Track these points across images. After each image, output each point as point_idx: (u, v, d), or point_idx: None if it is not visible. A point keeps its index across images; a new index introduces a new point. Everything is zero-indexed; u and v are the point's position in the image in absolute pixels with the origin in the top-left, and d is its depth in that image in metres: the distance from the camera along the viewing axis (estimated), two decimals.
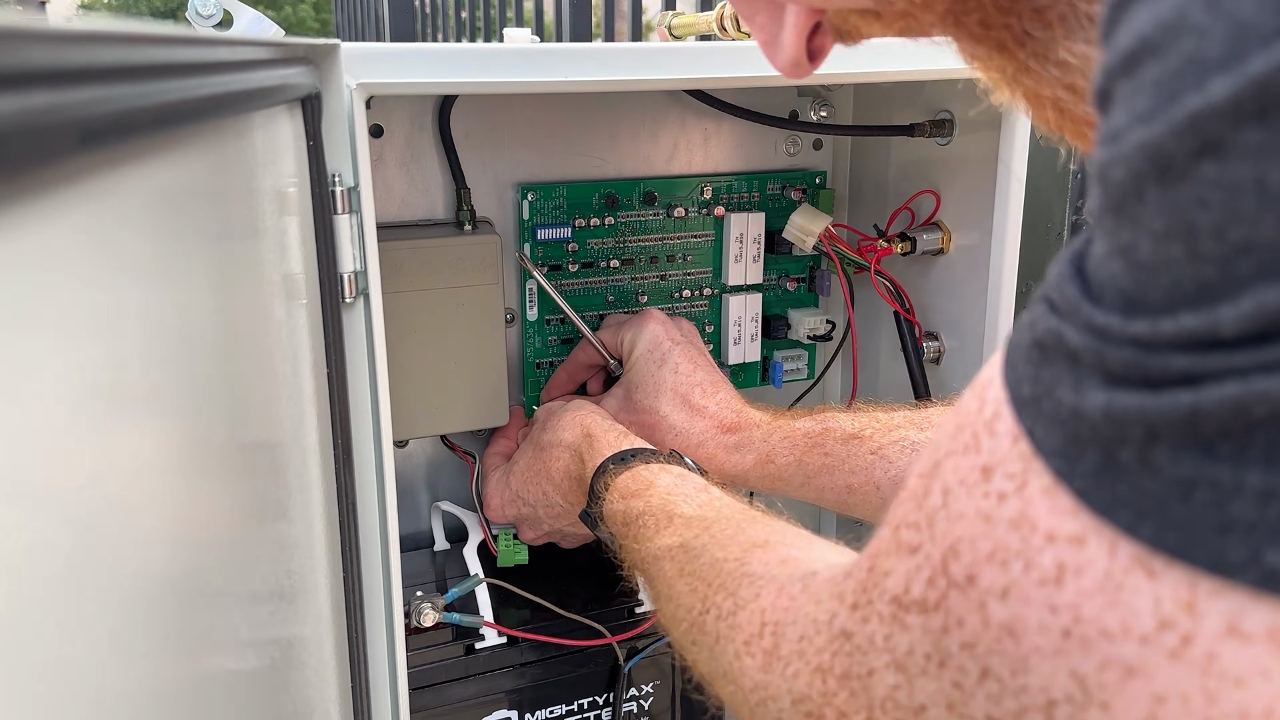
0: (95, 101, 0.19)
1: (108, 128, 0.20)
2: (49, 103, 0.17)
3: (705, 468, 0.65)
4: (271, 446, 0.40)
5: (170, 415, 0.28)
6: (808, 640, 0.31)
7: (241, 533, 0.35)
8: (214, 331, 0.33)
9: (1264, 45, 0.17)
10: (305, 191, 0.45)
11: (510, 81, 0.52)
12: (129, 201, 0.25)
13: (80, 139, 0.18)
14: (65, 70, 0.18)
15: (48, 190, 0.19)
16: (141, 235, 0.26)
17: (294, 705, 0.42)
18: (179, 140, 0.28)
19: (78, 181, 0.21)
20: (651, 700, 0.74)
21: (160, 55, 0.24)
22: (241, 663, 0.34)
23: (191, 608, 0.29)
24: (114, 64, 0.20)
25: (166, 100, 0.23)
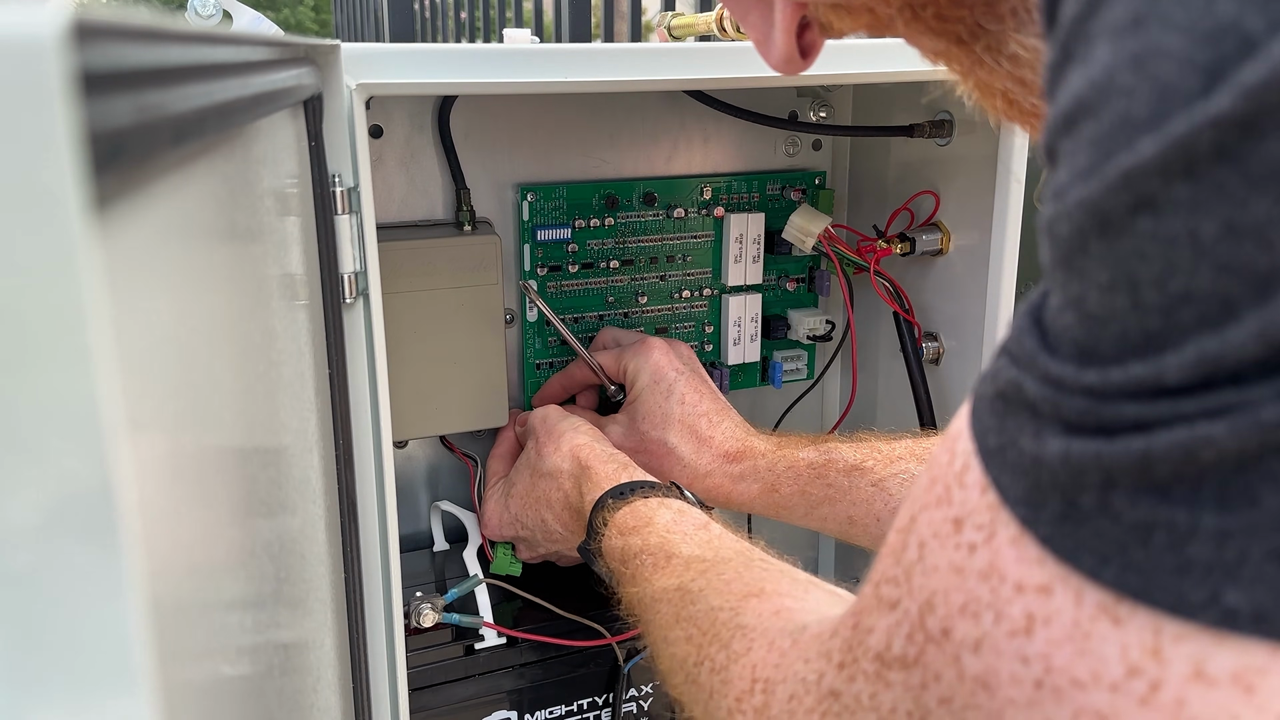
0: (174, 101, 0.19)
1: (181, 129, 0.20)
2: (153, 103, 0.17)
3: (711, 497, 0.66)
4: (271, 447, 0.40)
5: (170, 415, 0.28)
6: (797, 700, 0.31)
7: (241, 533, 0.35)
8: (213, 332, 0.33)
9: (1185, 107, 0.18)
10: (306, 192, 0.45)
11: (510, 82, 0.52)
12: (130, 201, 0.25)
13: (173, 138, 0.19)
14: (164, 69, 0.18)
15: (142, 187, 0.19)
16: (143, 235, 0.26)
17: (294, 705, 0.42)
18: (200, 146, 0.28)
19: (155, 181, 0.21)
20: (651, 700, 0.74)
21: (204, 56, 0.24)
22: (240, 663, 0.34)
23: (191, 608, 0.29)
24: (180, 65, 0.21)
25: (209, 104, 0.23)
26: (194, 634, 0.29)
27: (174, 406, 0.25)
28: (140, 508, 0.18)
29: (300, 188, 0.44)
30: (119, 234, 0.18)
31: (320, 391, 0.46)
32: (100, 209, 0.15)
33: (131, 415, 0.18)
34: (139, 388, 0.20)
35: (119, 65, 0.16)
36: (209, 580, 0.31)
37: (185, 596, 0.28)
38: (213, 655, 0.31)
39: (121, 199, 0.18)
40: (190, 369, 0.29)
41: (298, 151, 0.44)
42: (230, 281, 0.34)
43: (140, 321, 0.20)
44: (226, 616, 0.32)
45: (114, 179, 0.16)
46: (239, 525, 0.35)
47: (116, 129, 0.16)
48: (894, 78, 0.60)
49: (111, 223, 0.17)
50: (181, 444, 0.27)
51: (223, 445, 0.33)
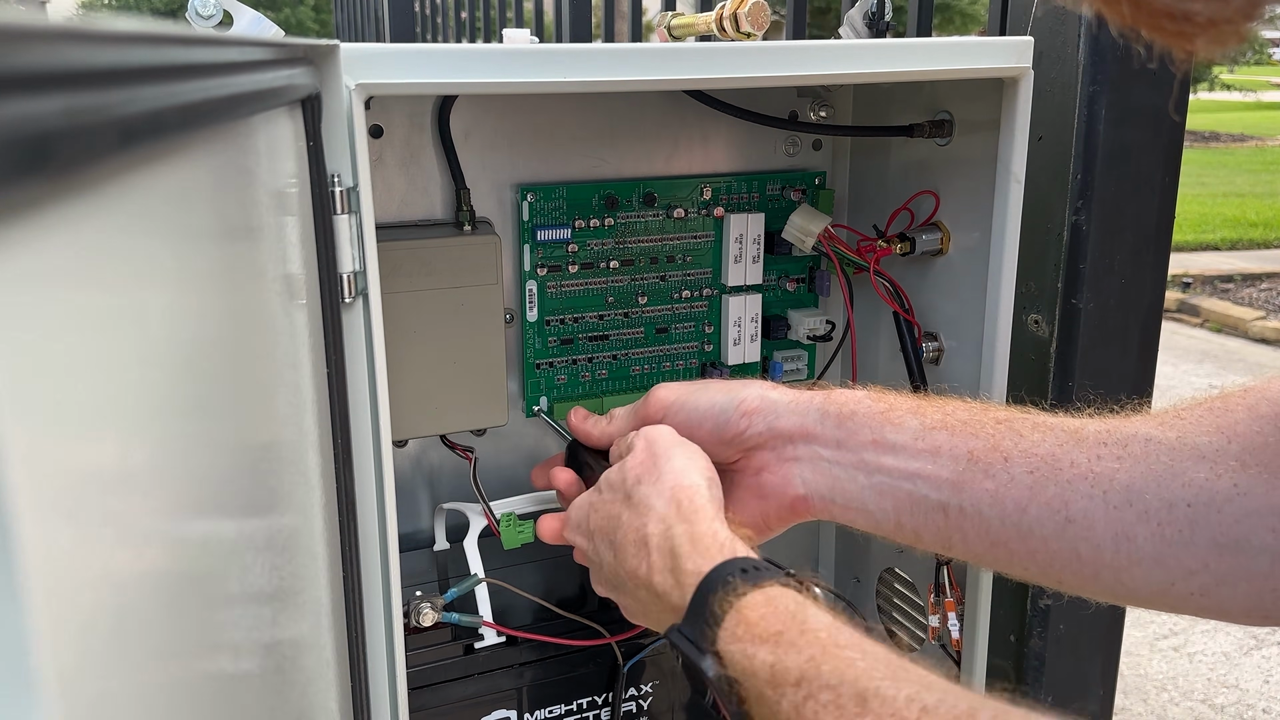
0: (120, 104, 0.19)
1: (129, 130, 0.20)
2: (90, 104, 0.17)
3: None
4: (271, 446, 0.40)
5: (169, 415, 0.28)
6: None
7: (241, 532, 0.35)
8: (213, 332, 0.33)
9: None
10: (305, 192, 0.45)
11: (510, 81, 0.52)
12: (130, 202, 0.25)
13: (120, 139, 0.19)
14: (99, 71, 0.18)
15: (84, 191, 0.19)
16: (142, 235, 0.26)
17: (294, 705, 0.42)
18: (184, 144, 0.28)
19: (113, 181, 0.21)
20: (651, 700, 0.74)
21: (167, 57, 0.24)
22: (241, 663, 0.34)
23: (190, 608, 0.29)
24: (116, 66, 0.20)
25: (173, 104, 0.23)
26: (184, 633, 0.29)
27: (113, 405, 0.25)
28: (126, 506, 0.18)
29: (299, 188, 0.44)
30: (49, 236, 0.18)
31: (319, 391, 0.46)
32: (25, 213, 0.15)
33: (31, 415, 0.18)
34: (47, 388, 0.20)
35: (40, 68, 0.16)
36: (208, 579, 0.31)
37: (184, 595, 0.28)
38: (210, 654, 0.31)
39: (56, 201, 0.18)
40: (151, 368, 0.29)
41: (297, 151, 0.44)
42: (224, 280, 0.34)
43: (66, 321, 0.20)
44: (223, 615, 0.32)
45: (41, 182, 0.16)
46: (236, 525, 0.35)
47: (39, 132, 0.16)
48: (894, 78, 0.60)
49: (40, 226, 0.17)
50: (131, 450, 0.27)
51: (222, 445, 0.33)
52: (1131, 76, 0.73)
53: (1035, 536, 0.51)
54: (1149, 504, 0.48)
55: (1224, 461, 0.48)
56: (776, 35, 0.73)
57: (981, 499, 0.52)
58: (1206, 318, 4.84)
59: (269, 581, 0.38)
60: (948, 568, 0.73)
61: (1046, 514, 0.50)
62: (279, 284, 0.41)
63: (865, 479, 0.55)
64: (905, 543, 0.56)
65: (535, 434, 0.80)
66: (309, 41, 0.44)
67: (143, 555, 0.25)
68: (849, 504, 0.56)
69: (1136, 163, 0.75)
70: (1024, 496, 0.51)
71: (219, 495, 0.32)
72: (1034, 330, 0.79)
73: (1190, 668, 1.94)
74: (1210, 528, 0.47)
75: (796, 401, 0.58)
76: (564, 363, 0.77)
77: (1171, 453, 0.49)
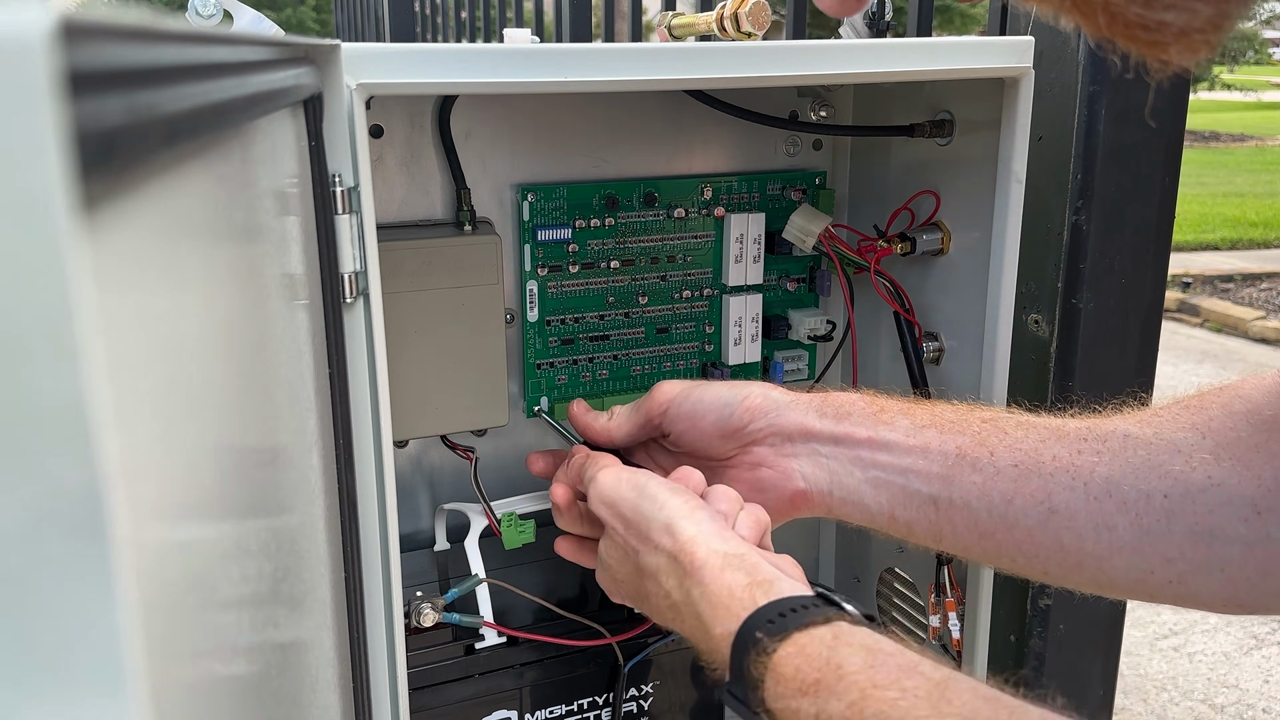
0: (168, 102, 0.19)
1: (175, 130, 0.20)
2: (144, 102, 0.17)
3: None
4: (271, 446, 0.40)
5: (169, 415, 0.28)
6: None
7: (241, 532, 0.35)
8: (213, 332, 0.32)
9: None
10: (306, 192, 0.45)
11: (510, 81, 0.52)
12: (130, 201, 0.25)
13: (167, 137, 0.19)
14: (150, 69, 0.18)
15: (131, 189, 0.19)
16: (143, 235, 0.26)
17: (294, 705, 0.42)
18: (196, 147, 0.28)
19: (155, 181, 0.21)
20: (651, 700, 0.74)
21: (197, 55, 0.24)
22: (240, 663, 0.34)
23: (190, 607, 0.29)
24: (173, 64, 0.21)
25: (206, 103, 0.23)
26: (186, 634, 0.29)
27: (167, 406, 0.25)
28: (130, 508, 0.18)
29: (300, 187, 0.44)
30: (109, 235, 0.18)
31: (320, 391, 0.46)
32: (89, 211, 0.15)
33: (120, 415, 0.18)
34: (129, 388, 0.20)
35: (108, 65, 0.16)
36: (205, 580, 0.31)
37: (177, 596, 0.28)
38: (210, 655, 0.31)
39: (112, 200, 0.18)
40: (187, 369, 0.29)
41: (298, 151, 0.44)
42: (229, 281, 0.34)
43: (130, 322, 0.20)
44: (225, 616, 0.32)
45: (104, 180, 0.16)
46: (237, 525, 0.35)
47: (106, 129, 0.16)
48: (894, 78, 0.60)
49: (101, 224, 0.17)
50: (174, 444, 0.27)
51: (222, 445, 0.33)
52: (1131, 76, 0.73)
53: (1021, 528, 0.53)
54: (1127, 495, 0.51)
55: (1198, 455, 0.50)
56: (776, 35, 0.73)
57: (969, 492, 0.54)
58: (1206, 317, 4.84)
59: (269, 582, 0.38)
60: (948, 567, 0.73)
61: (1030, 505, 0.53)
62: (280, 284, 0.41)
63: (861, 474, 0.58)
64: (899, 536, 0.58)
65: (536, 434, 0.80)
66: (311, 41, 0.44)
67: (143, 555, 0.25)
68: (846, 498, 0.59)
69: (1136, 163, 0.75)
70: (1009, 489, 0.54)
71: (219, 495, 0.32)
72: (1034, 330, 0.79)
73: (1190, 668, 1.94)
74: (1186, 517, 0.49)
75: (797, 401, 0.62)
76: (564, 363, 0.77)
77: (1149, 447, 0.52)
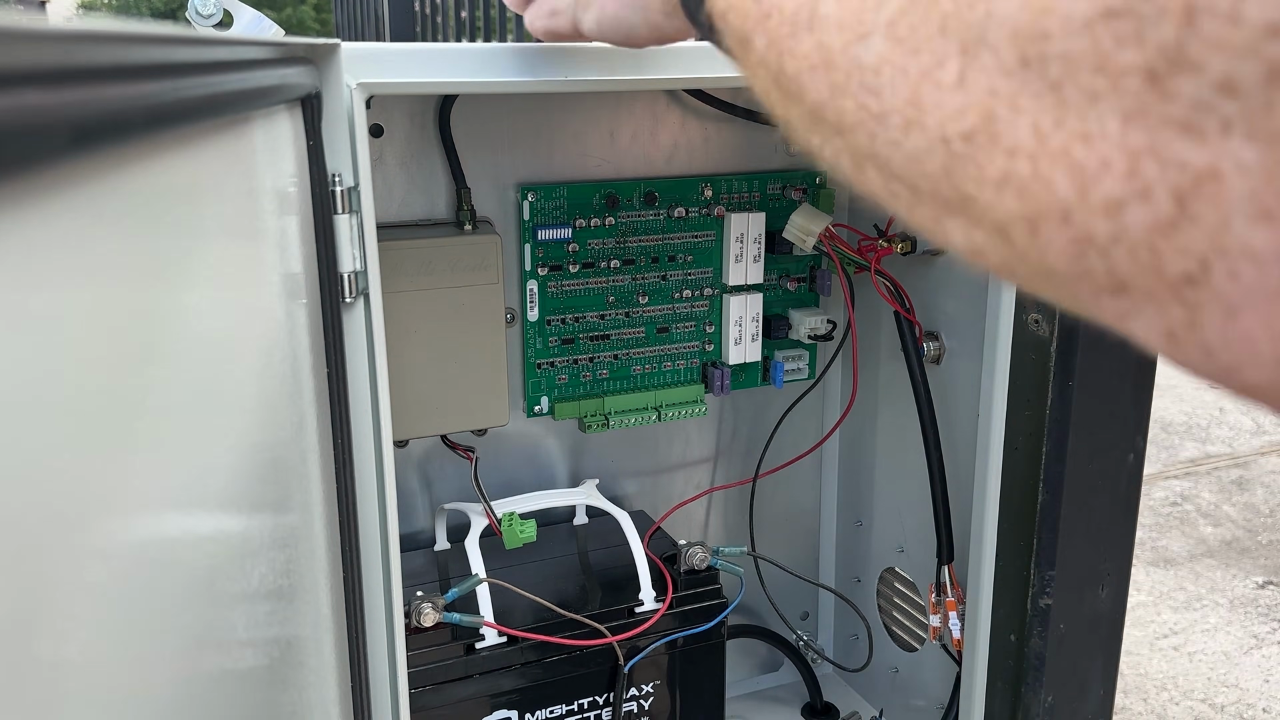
0: (89, 101, 0.19)
1: (102, 127, 0.20)
2: (43, 102, 0.17)
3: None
4: (271, 446, 0.40)
5: (169, 415, 0.28)
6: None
7: (241, 532, 0.35)
8: (213, 332, 0.33)
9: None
10: (305, 191, 0.45)
11: (510, 81, 0.52)
12: (129, 201, 0.25)
13: (74, 138, 0.18)
14: (60, 70, 0.18)
15: (43, 191, 0.19)
16: (142, 235, 0.26)
17: (294, 705, 0.42)
18: (179, 140, 0.28)
19: (74, 182, 0.21)
20: (651, 700, 0.74)
21: (159, 55, 0.24)
22: (241, 662, 0.34)
23: (191, 607, 0.29)
24: (111, 64, 0.20)
25: (164, 100, 0.23)
26: (194, 631, 0.29)
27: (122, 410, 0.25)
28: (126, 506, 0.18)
29: (300, 187, 0.44)
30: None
31: (320, 391, 0.46)
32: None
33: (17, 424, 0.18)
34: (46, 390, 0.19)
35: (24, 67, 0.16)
36: (208, 579, 0.31)
37: (185, 595, 0.28)
38: (211, 654, 0.31)
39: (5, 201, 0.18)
40: (170, 365, 0.29)
41: (297, 151, 0.44)
42: (225, 279, 0.34)
43: (63, 322, 0.20)
44: (226, 616, 0.32)
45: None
46: (238, 525, 0.35)
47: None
48: None
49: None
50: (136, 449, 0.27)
51: (223, 445, 0.33)
52: None
53: None
54: None
55: None
56: None
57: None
58: None
59: (270, 581, 0.38)
60: (949, 567, 0.73)
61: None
62: (280, 283, 0.41)
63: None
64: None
65: (536, 434, 0.80)
66: (310, 40, 0.44)
67: (144, 556, 0.25)
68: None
69: None
70: None
71: (220, 495, 0.32)
72: (1034, 330, 0.79)
73: (1190, 667, 1.94)
74: None
75: None
76: (565, 362, 0.77)
77: None
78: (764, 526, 0.86)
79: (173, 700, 0.27)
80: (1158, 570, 2.22)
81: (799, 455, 0.83)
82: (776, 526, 0.89)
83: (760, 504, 0.85)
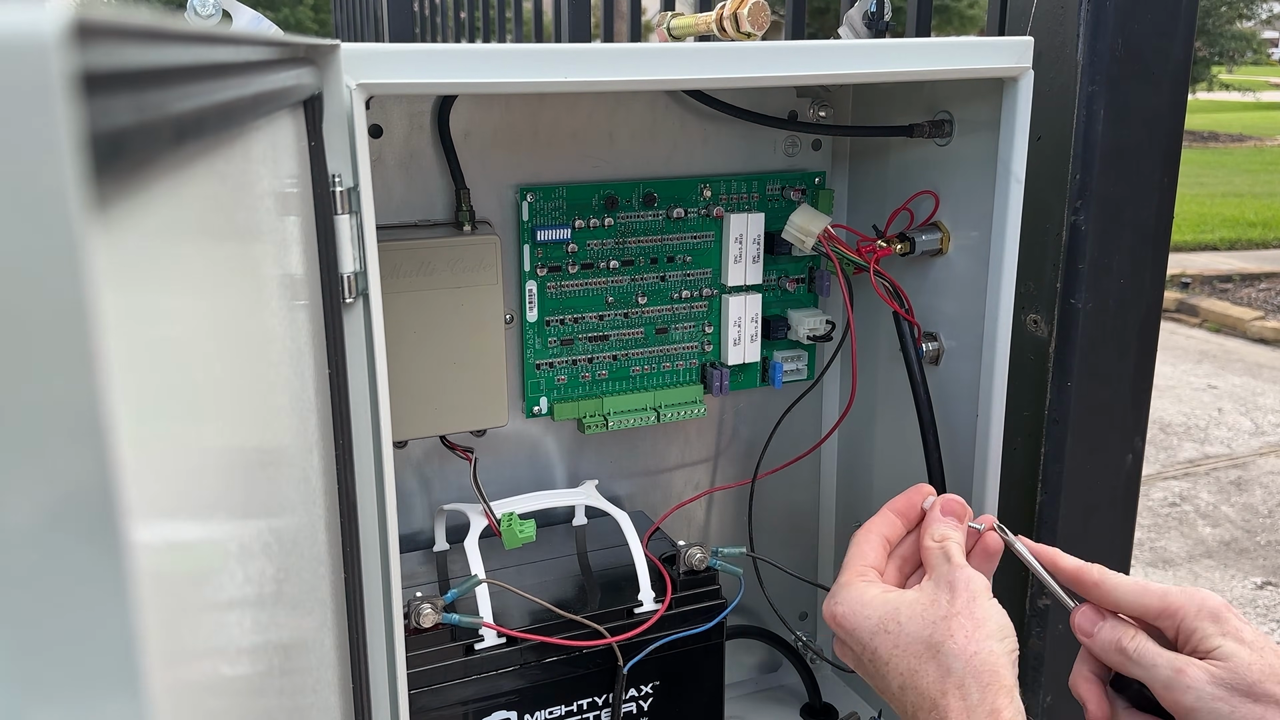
0: (176, 101, 0.19)
1: (182, 129, 0.20)
2: (153, 102, 0.17)
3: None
4: (271, 447, 0.40)
5: (169, 416, 0.28)
6: None
7: (240, 533, 0.35)
8: (214, 331, 0.33)
9: None
10: (305, 192, 0.45)
11: (510, 81, 0.52)
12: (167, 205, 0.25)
13: (174, 138, 0.19)
14: (157, 70, 0.18)
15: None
16: (143, 237, 0.26)
17: (294, 706, 0.42)
18: (202, 146, 0.28)
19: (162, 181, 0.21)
20: (651, 701, 0.74)
21: (203, 56, 0.24)
22: (240, 664, 0.34)
23: (191, 608, 0.29)
24: (180, 65, 0.21)
25: (205, 104, 0.23)
26: (193, 635, 0.29)
27: (174, 406, 0.25)
28: (140, 509, 0.18)
29: (300, 188, 0.44)
30: (120, 234, 0.18)
31: (320, 391, 0.46)
32: (101, 210, 0.15)
33: (132, 415, 0.18)
34: (139, 388, 0.20)
35: (120, 65, 0.16)
36: (208, 581, 0.31)
37: (184, 598, 0.28)
38: (212, 656, 0.31)
39: (122, 199, 0.18)
40: (191, 369, 0.29)
41: (297, 151, 0.44)
42: (231, 281, 0.34)
43: (140, 322, 0.20)
44: (226, 617, 0.32)
45: (115, 179, 0.16)
46: (238, 525, 0.35)
47: (117, 129, 0.16)
48: (894, 78, 0.60)
49: (112, 223, 0.17)
50: (181, 445, 0.27)
51: (223, 445, 0.33)
52: (1130, 77, 0.73)
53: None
54: None
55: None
56: (776, 35, 0.73)
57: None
58: (1205, 317, 4.85)
59: (269, 582, 0.38)
60: None
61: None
62: (280, 284, 0.41)
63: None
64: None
65: (535, 434, 0.80)
66: (310, 41, 0.44)
67: (141, 555, 0.25)
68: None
69: (1135, 163, 0.75)
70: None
71: (220, 495, 0.32)
72: (1033, 330, 0.79)
73: None
74: None
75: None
76: (564, 363, 0.77)
77: None
78: (763, 527, 0.86)
79: (175, 699, 0.27)
80: (1156, 571, 2.22)
81: (798, 456, 0.83)
82: (775, 527, 0.89)
83: (759, 504, 0.85)
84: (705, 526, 0.89)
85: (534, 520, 0.71)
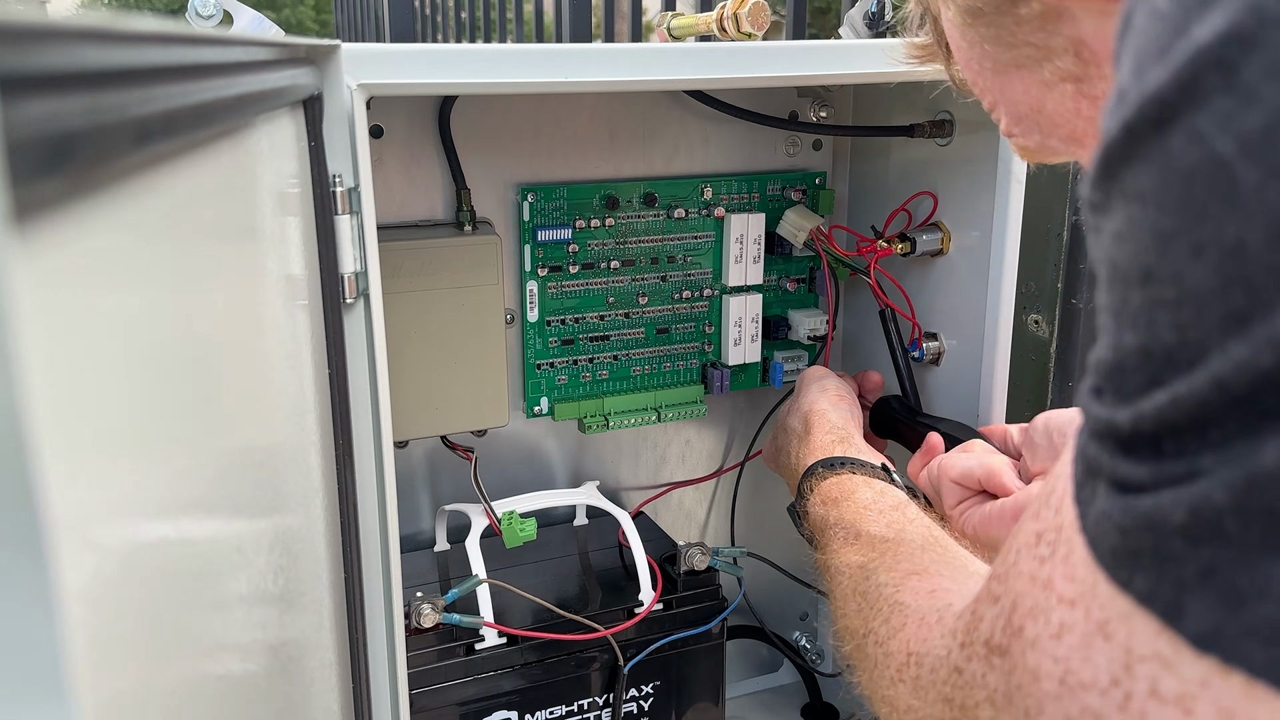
0: (137, 103, 0.19)
1: (145, 130, 0.20)
2: (109, 103, 0.17)
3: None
4: (272, 447, 0.40)
5: (170, 416, 0.28)
6: (935, 672, 0.35)
7: (242, 533, 0.35)
8: (213, 332, 0.33)
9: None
10: (306, 192, 0.45)
11: (510, 81, 0.52)
12: (146, 205, 0.25)
13: (136, 139, 0.18)
14: (116, 70, 0.18)
15: (98, 192, 0.19)
16: (144, 237, 0.26)
17: (295, 706, 0.42)
18: (192, 145, 0.28)
19: (127, 182, 0.21)
20: (651, 700, 0.74)
21: (180, 56, 0.23)
22: (241, 664, 0.34)
23: (191, 608, 0.29)
24: (142, 66, 0.20)
25: (188, 104, 0.23)
26: (195, 632, 0.29)
27: (142, 409, 0.25)
28: (78, 514, 0.18)
29: (301, 188, 0.44)
30: (56, 240, 0.17)
31: (320, 391, 0.46)
32: (26, 218, 0.14)
33: (62, 426, 0.18)
34: (81, 393, 0.19)
35: (48, 68, 0.15)
36: (209, 580, 0.31)
37: (185, 596, 0.28)
38: (211, 655, 0.31)
39: (66, 204, 0.18)
40: (175, 368, 0.29)
41: (297, 152, 0.44)
42: (226, 281, 0.34)
43: (88, 326, 0.20)
44: (226, 616, 0.32)
45: (49, 185, 0.16)
46: (238, 526, 0.35)
47: (49, 134, 0.15)
48: (894, 78, 0.60)
49: (44, 230, 0.16)
50: (154, 447, 0.27)
51: (224, 445, 0.33)
52: None
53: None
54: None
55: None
56: (776, 35, 0.73)
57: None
58: None
59: (270, 582, 0.38)
60: None
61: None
62: (281, 284, 0.41)
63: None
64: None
65: (536, 434, 0.80)
66: (311, 41, 0.44)
67: (144, 555, 0.25)
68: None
69: None
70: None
71: (220, 495, 0.32)
72: (1034, 330, 0.79)
73: None
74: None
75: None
76: (565, 363, 0.77)
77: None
78: (763, 527, 0.86)
79: (174, 700, 0.27)
80: None
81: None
82: (776, 528, 0.89)
83: (760, 505, 0.85)
84: (706, 526, 0.89)
85: (535, 519, 0.71)
